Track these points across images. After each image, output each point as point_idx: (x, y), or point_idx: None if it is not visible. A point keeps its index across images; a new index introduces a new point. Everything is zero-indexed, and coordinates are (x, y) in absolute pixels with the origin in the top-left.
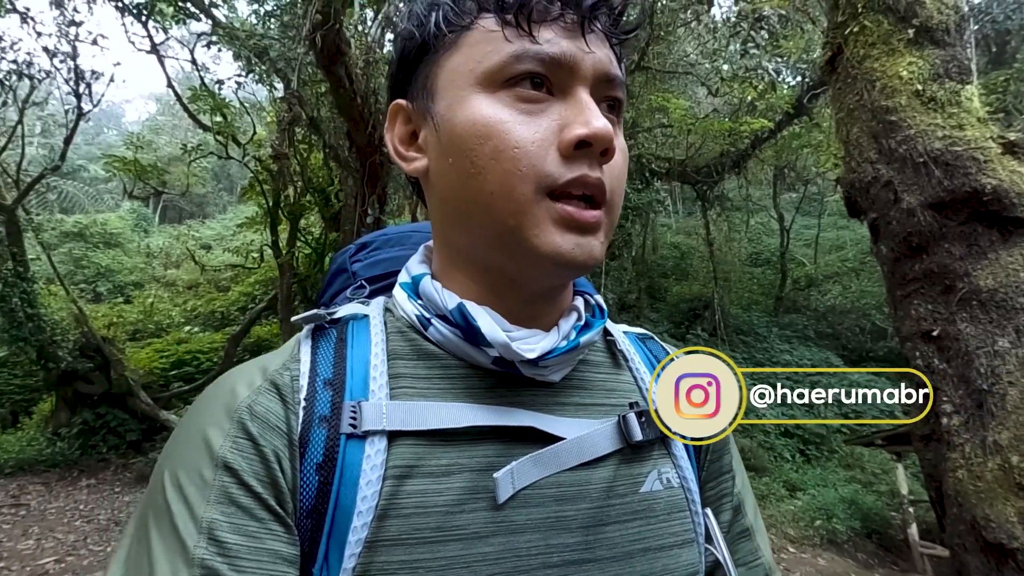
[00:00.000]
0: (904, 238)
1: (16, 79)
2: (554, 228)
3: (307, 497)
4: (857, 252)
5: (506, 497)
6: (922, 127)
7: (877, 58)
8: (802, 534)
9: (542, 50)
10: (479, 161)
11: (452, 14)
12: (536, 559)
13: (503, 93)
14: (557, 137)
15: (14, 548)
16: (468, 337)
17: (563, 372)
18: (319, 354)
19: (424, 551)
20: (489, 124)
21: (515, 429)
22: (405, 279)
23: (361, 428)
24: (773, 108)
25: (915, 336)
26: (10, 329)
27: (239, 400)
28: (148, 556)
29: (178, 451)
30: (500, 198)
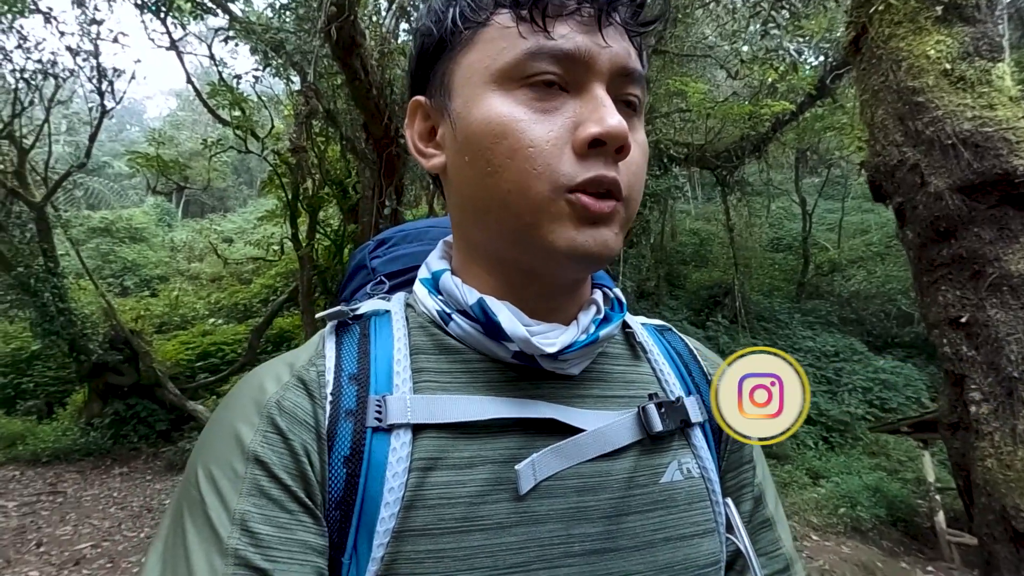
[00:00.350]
0: (931, 223)
1: (42, 79)
2: (570, 223)
3: (335, 489)
4: (883, 236)
5: (528, 488)
6: (950, 108)
7: (903, 37)
8: (825, 522)
9: (556, 46)
10: (495, 160)
11: (469, 10)
12: (558, 548)
13: (518, 91)
14: (572, 135)
15: (53, 534)
16: (488, 332)
17: (582, 365)
18: (343, 349)
19: (449, 541)
20: (504, 123)
21: (536, 421)
22: (425, 275)
23: (386, 421)
24: (795, 90)
25: (943, 323)
26: (43, 323)
27: (268, 396)
28: (184, 547)
29: (210, 446)
30: (516, 196)
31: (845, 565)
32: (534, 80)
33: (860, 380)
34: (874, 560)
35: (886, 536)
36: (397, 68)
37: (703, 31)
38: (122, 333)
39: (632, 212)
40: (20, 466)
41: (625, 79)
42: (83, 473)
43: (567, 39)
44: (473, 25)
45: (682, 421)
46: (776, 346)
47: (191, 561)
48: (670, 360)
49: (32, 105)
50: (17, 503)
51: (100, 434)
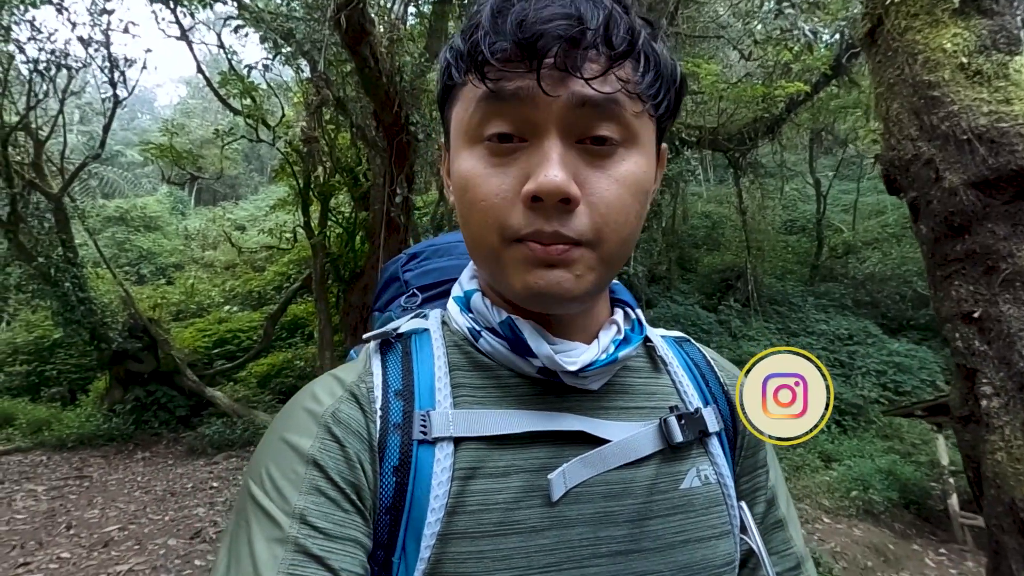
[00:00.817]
0: (945, 218)
1: (55, 70)
2: (522, 266)
3: (386, 496)
4: (899, 216)
5: (559, 495)
6: (966, 102)
7: (919, 30)
8: (837, 505)
9: (499, 103)
10: (463, 211)
11: (455, 68)
12: (587, 550)
13: (478, 147)
14: (522, 186)
15: (81, 517)
16: (515, 348)
17: (601, 381)
18: (388, 367)
19: (488, 543)
20: (466, 178)
21: (565, 433)
22: (458, 293)
23: (431, 435)
24: (810, 69)
25: (955, 317)
26: (64, 312)
27: (324, 407)
28: (248, 540)
29: (269, 453)
30: (479, 244)
31: (856, 547)
32: (490, 135)
33: (874, 363)
34: (886, 542)
35: (898, 519)
36: (406, 55)
37: (716, 10)
38: (140, 321)
39: (609, 250)
40: (47, 451)
41: (587, 113)
42: (107, 458)
43: (508, 90)
44: (457, 83)
45: (700, 431)
46: (788, 329)
47: (255, 550)
48: (688, 372)
49: (47, 97)
50: (46, 487)
51: (122, 420)
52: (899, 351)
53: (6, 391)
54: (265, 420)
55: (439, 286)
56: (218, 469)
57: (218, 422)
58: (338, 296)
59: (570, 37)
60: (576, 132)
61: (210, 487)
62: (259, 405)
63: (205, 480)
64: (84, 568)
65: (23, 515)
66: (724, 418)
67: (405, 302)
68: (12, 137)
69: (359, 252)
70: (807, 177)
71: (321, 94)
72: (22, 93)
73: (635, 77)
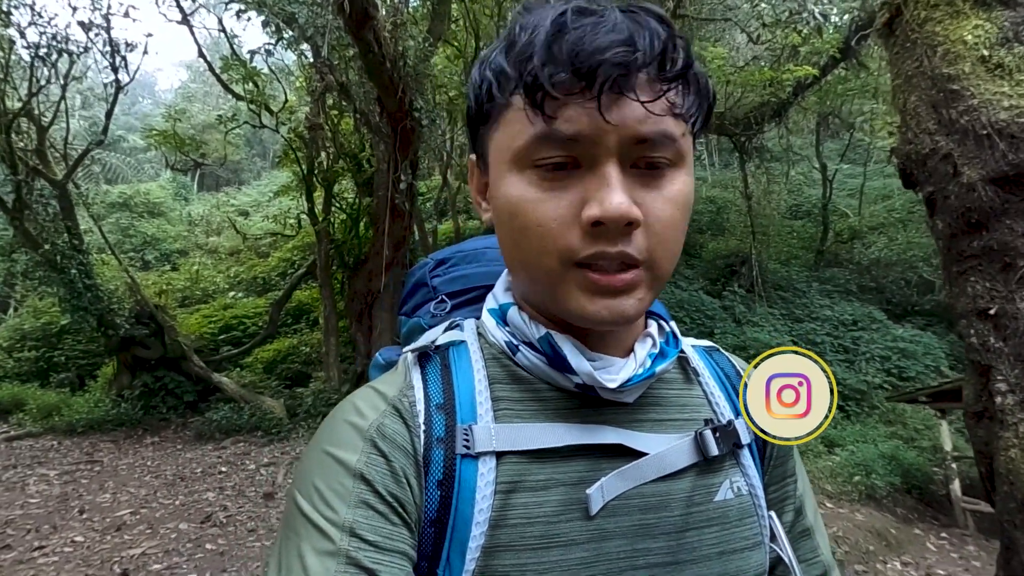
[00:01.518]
0: (962, 213)
1: (56, 55)
2: (581, 294)
3: (431, 509)
4: (905, 202)
5: (597, 509)
6: (987, 96)
7: (939, 21)
8: (840, 489)
9: (559, 131)
10: (513, 235)
11: (496, 89)
12: (625, 562)
13: (529, 171)
14: (580, 211)
15: (93, 501)
16: (553, 364)
17: (636, 395)
18: (429, 380)
19: (530, 556)
20: (516, 203)
21: (603, 446)
22: (493, 306)
23: (474, 449)
24: (818, 52)
25: (970, 313)
26: (71, 299)
27: (368, 422)
28: (298, 554)
29: (315, 467)
30: (533, 267)
31: (858, 532)
32: (542, 163)
33: (878, 349)
34: (887, 527)
35: (900, 503)
36: (410, 39)
37: None
38: (147, 308)
39: (663, 270)
40: (57, 436)
41: (643, 146)
42: (117, 443)
43: (571, 124)
44: (499, 105)
45: (733, 443)
46: (793, 315)
47: (306, 563)
48: (719, 382)
49: (48, 83)
50: (58, 472)
51: (131, 405)
52: (904, 337)
53: (15, 377)
54: (271, 406)
55: (467, 292)
56: (226, 454)
57: (225, 407)
58: (343, 282)
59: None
60: (631, 157)
61: (219, 472)
62: (265, 391)
63: (214, 465)
64: (98, 552)
65: (36, 499)
66: None
67: (435, 308)
68: (15, 124)
69: (363, 238)
70: (813, 161)
71: (324, 79)
72: (24, 79)
73: (680, 99)
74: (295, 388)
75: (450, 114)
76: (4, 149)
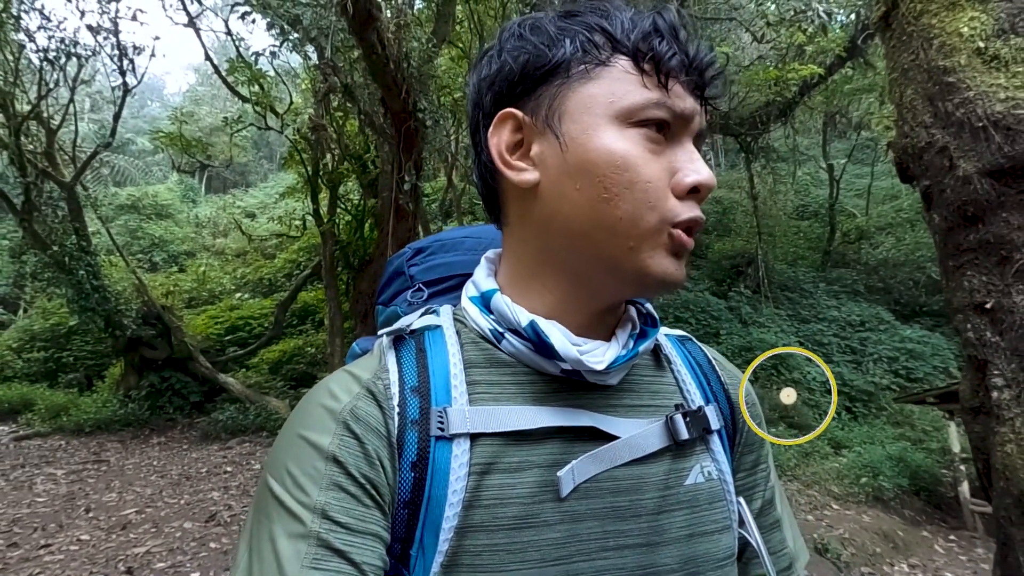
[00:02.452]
0: (959, 207)
1: (65, 58)
2: (666, 253)
3: (404, 491)
4: (913, 202)
5: (568, 491)
6: (982, 88)
7: (935, 13)
8: (847, 491)
9: (675, 104)
10: (613, 188)
11: (591, 46)
12: (595, 543)
13: (632, 130)
14: (670, 177)
15: (100, 500)
16: (539, 350)
17: (620, 376)
18: (403, 363)
19: (503, 536)
20: (626, 157)
21: (576, 429)
22: (474, 293)
23: (449, 431)
24: (824, 51)
25: (967, 308)
26: (79, 300)
27: (342, 405)
28: (269, 536)
29: (288, 450)
30: (627, 223)
31: (865, 534)
32: (649, 123)
33: (886, 350)
34: (895, 529)
35: (908, 505)
36: (414, 40)
37: None
38: (154, 308)
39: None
40: (65, 436)
41: (700, 137)
42: (124, 442)
43: (681, 100)
44: (595, 61)
45: (703, 428)
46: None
47: (277, 546)
48: (691, 370)
49: (57, 86)
50: (65, 471)
51: (138, 405)
52: (911, 338)
53: (25, 377)
54: (277, 406)
55: (445, 281)
56: (232, 454)
57: (231, 408)
58: (348, 283)
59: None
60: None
61: (224, 471)
62: (271, 391)
63: (219, 464)
64: (103, 550)
65: (44, 498)
66: (724, 416)
67: (411, 297)
68: (25, 126)
69: (368, 239)
70: (820, 161)
71: (329, 81)
72: (33, 82)
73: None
74: (300, 388)
75: (454, 115)
76: (14, 152)
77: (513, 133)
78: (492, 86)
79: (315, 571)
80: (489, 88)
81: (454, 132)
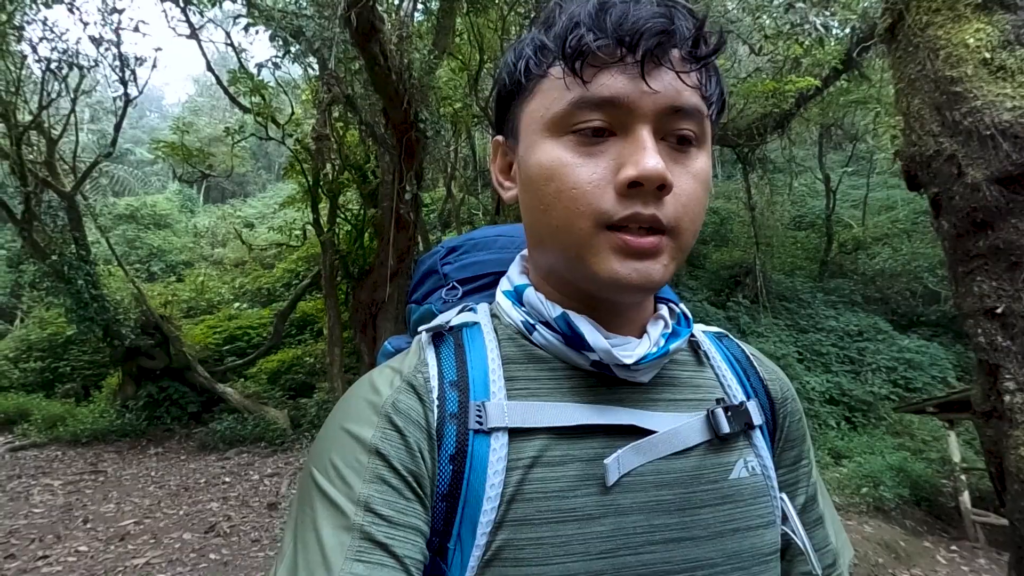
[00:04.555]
0: (968, 214)
1: (67, 69)
2: (612, 256)
3: (443, 483)
4: (909, 212)
5: (614, 480)
6: (989, 98)
7: (941, 25)
8: (848, 501)
9: (596, 95)
10: (545, 199)
11: (533, 63)
12: (640, 537)
13: (566, 137)
14: (615, 175)
15: (97, 511)
16: (570, 342)
17: (651, 374)
18: (443, 358)
19: (546, 530)
20: (552, 167)
21: (617, 427)
22: (508, 288)
23: (487, 425)
24: (820, 64)
25: (977, 313)
26: (77, 309)
27: (383, 398)
28: (314, 528)
29: (331, 444)
30: (563, 232)
31: (867, 544)
32: (580, 127)
33: (884, 359)
34: (897, 539)
35: (909, 516)
36: (415, 52)
37: (725, 4)
38: (152, 318)
39: (685, 240)
40: (62, 446)
41: (674, 116)
42: (121, 453)
43: (606, 87)
44: (535, 77)
45: (746, 423)
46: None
47: (321, 536)
48: (730, 366)
49: (59, 96)
50: (62, 482)
51: (135, 416)
52: (910, 347)
53: (21, 387)
54: (275, 416)
55: (479, 279)
56: (230, 464)
57: (229, 418)
58: (347, 293)
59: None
60: (663, 129)
61: (222, 482)
62: (269, 401)
63: (217, 475)
64: (102, 561)
65: (40, 509)
66: (765, 411)
67: (446, 295)
68: (26, 136)
69: (368, 249)
70: (816, 172)
71: (331, 92)
72: (35, 93)
73: (707, 82)
74: (299, 399)
75: (454, 126)
76: (14, 161)
77: (503, 157)
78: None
79: (359, 563)
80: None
81: (454, 143)
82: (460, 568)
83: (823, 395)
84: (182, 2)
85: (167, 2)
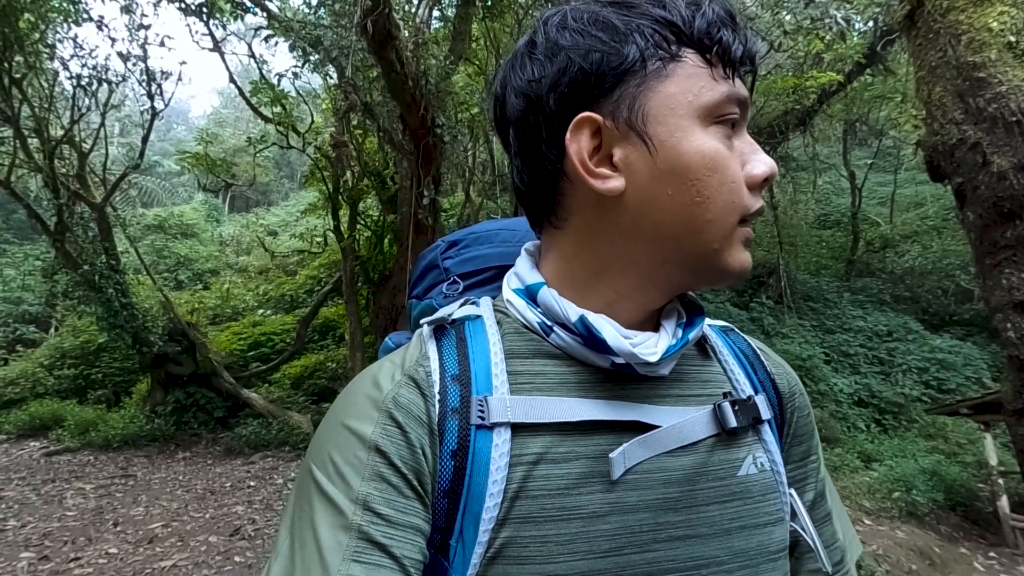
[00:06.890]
0: (994, 203)
1: (96, 85)
2: (742, 247)
3: (444, 480)
4: (939, 208)
5: (620, 473)
6: (1015, 83)
7: (963, 9)
8: (879, 506)
9: (740, 93)
10: (705, 191)
11: (661, 40)
12: (647, 535)
13: (712, 128)
14: (742, 170)
15: (127, 514)
16: (589, 344)
17: (670, 366)
18: (444, 352)
19: (551, 527)
20: (715, 158)
21: (623, 423)
22: (518, 285)
23: (489, 420)
24: (842, 59)
25: (1006, 306)
26: (108, 318)
27: (384, 393)
28: (311, 525)
29: (330, 439)
30: (715, 225)
31: (900, 550)
32: (725, 119)
33: (915, 360)
34: (931, 545)
35: (944, 521)
36: (431, 58)
37: (743, 1)
38: (180, 325)
39: None
40: (94, 451)
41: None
42: (150, 457)
43: (741, 88)
44: (667, 57)
45: (754, 418)
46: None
47: (319, 536)
48: (737, 360)
49: (89, 111)
50: (94, 486)
51: (164, 421)
52: (942, 347)
53: (55, 393)
54: (299, 421)
55: (481, 273)
56: (255, 468)
57: (254, 423)
58: (368, 298)
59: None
60: None
61: (248, 486)
62: (293, 406)
63: (243, 479)
64: (131, 563)
65: (73, 512)
66: (773, 406)
67: (447, 289)
68: (58, 150)
69: (388, 254)
70: (841, 170)
71: (349, 99)
72: (66, 108)
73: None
74: (322, 403)
75: (471, 130)
76: (47, 175)
77: (592, 138)
78: (557, 86)
79: (356, 564)
80: (552, 89)
81: (471, 147)
82: (462, 565)
83: (851, 397)
84: (205, 16)
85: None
